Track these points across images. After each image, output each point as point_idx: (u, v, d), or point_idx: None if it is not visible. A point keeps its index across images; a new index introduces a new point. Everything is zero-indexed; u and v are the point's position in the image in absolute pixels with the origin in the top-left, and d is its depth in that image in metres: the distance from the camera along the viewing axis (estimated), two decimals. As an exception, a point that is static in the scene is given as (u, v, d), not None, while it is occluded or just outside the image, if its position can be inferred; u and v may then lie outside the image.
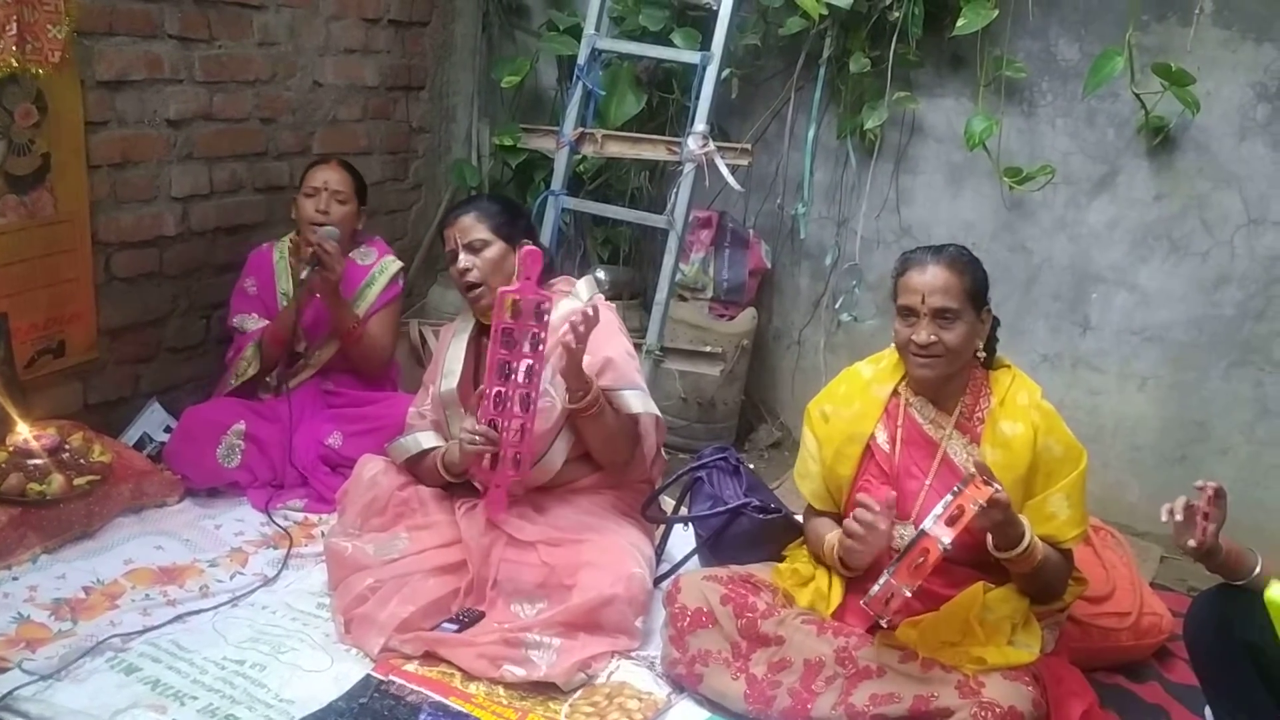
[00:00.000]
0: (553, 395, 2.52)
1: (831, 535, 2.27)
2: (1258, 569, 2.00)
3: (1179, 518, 1.93)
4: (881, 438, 2.31)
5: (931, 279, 2.18)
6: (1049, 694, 2.11)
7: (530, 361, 2.40)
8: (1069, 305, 3.54)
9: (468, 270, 2.57)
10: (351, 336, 3.19)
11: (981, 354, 2.28)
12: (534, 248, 2.44)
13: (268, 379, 3.25)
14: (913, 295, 2.19)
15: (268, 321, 3.23)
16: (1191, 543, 1.94)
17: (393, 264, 3.34)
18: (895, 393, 2.33)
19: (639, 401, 2.55)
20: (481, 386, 2.48)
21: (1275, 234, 3.19)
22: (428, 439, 2.67)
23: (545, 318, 2.38)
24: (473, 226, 2.60)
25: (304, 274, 3.03)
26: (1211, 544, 1.96)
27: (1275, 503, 3.27)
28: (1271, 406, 3.27)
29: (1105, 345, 3.50)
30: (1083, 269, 3.50)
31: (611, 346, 2.56)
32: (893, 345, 2.34)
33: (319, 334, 3.23)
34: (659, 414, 2.66)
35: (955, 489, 2.01)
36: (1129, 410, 3.49)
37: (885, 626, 2.09)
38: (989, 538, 2.09)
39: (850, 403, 2.35)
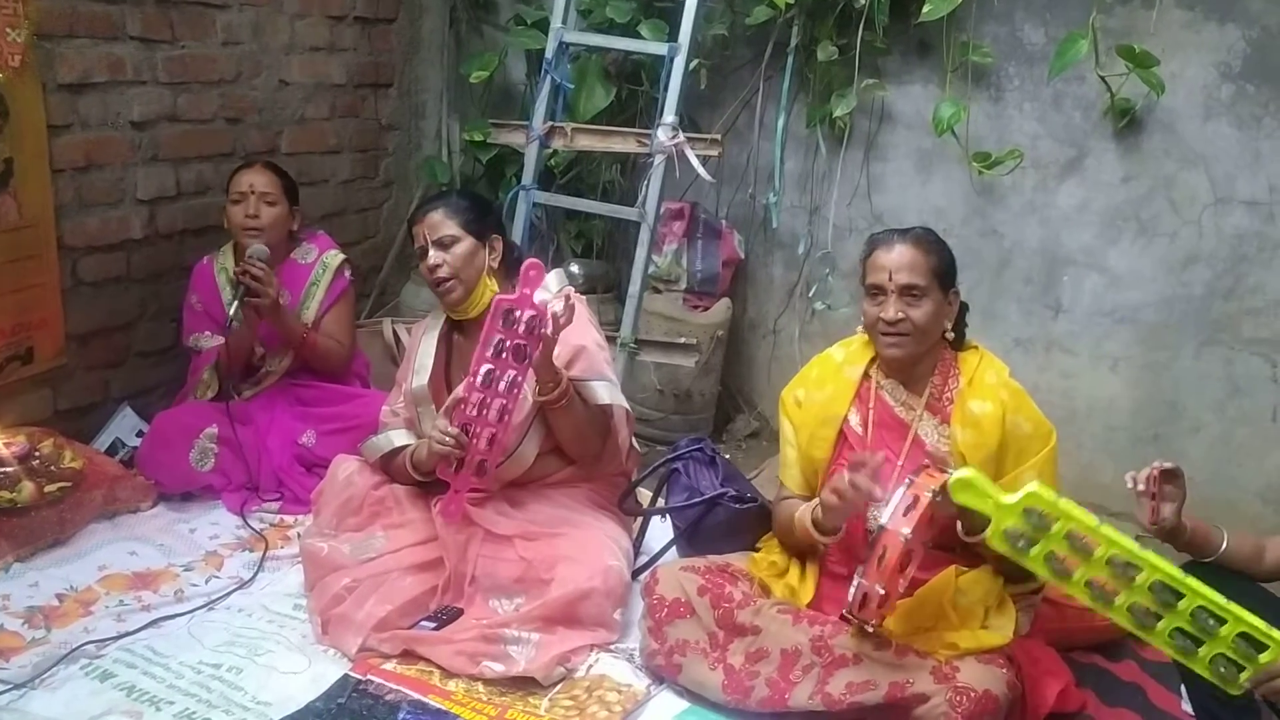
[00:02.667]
0: (525, 393, 2.51)
1: (804, 507, 2.27)
2: (1224, 546, 2.02)
3: (1141, 488, 1.95)
4: (854, 420, 2.32)
5: (898, 257, 2.21)
6: (1025, 675, 2.13)
7: (515, 373, 2.38)
8: (1040, 288, 3.55)
9: (437, 266, 2.55)
10: (306, 345, 3.14)
11: (950, 335, 2.29)
12: (537, 261, 2.39)
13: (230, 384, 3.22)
14: (880, 273, 2.22)
15: (221, 338, 3.14)
16: (1143, 521, 1.96)
17: (334, 258, 3.26)
18: (866, 375, 2.34)
19: (607, 392, 2.55)
20: (458, 390, 2.47)
21: (1242, 213, 3.21)
22: (400, 437, 2.66)
23: (537, 332, 2.33)
24: (442, 223, 2.58)
25: (232, 309, 2.94)
26: (1172, 523, 1.97)
27: (1247, 479, 3.30)
28: (1241, 384, 3.30)
29: (1077, 327, 3.52)
30: (1053, 252, 3.51)
31: (583, 336, 2.56)
32: (858, 330, 2.35)
33: (275, 343, 3.19)
34: (627, 406, 2.65)
35: (908, 480, 2.03)
36: (1102, 391, 3.51)
37: (871, 630, 2.09)
38: (958, 523, 2.10)
39: (823, 386, 2.37)
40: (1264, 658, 1.64)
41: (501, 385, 2.38)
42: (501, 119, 4.00)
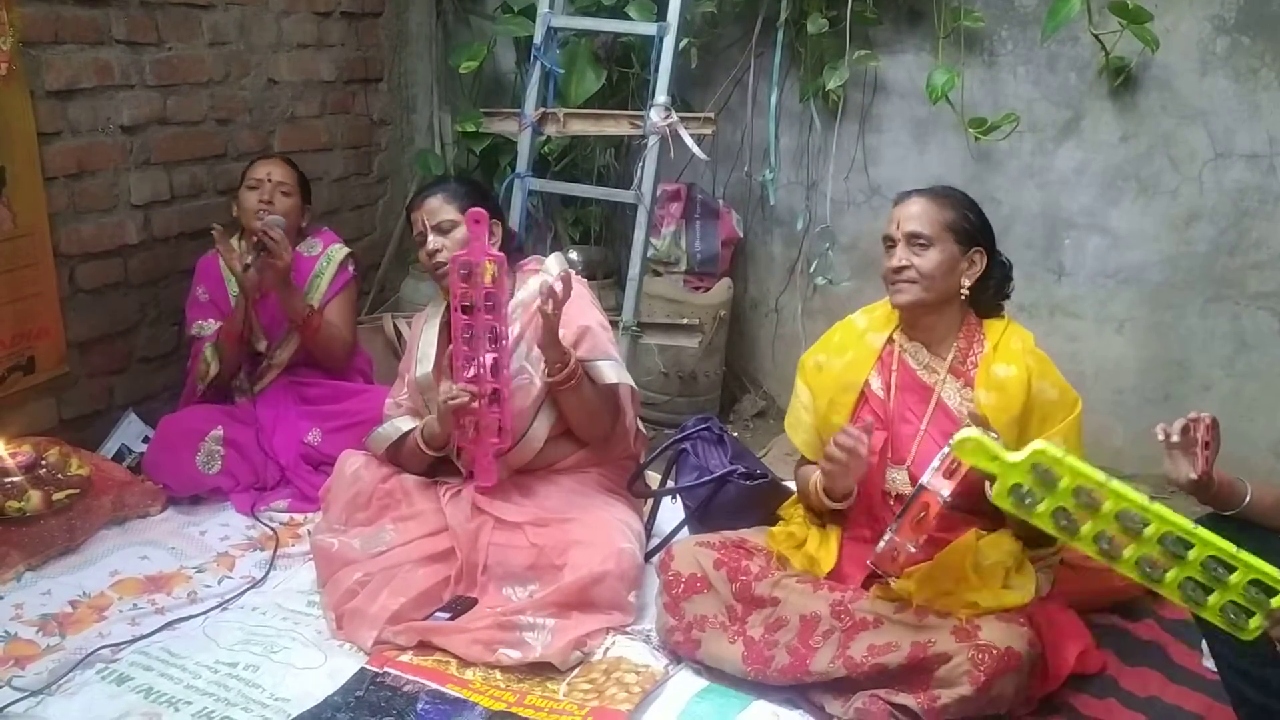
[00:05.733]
0: (530, 371, 2.50)
1: (816, 475, 2.28)
2: (1248, 498, 2.00)
3: (1175, 438, 1.91)
4: (876, 384, 2.32)
5: (909, 207, 2.26)
6: (1044, 636, 2.12)
7: (493, 323, 2.39)
8: (1042, 253, 3.53)
9: (437, 251, 2.55)
10: (309, 328, 3.12)
11: (965, 293, 2.26)
12: (479, 209, 2.43)
13: (236, 383, 3.22)
14: (892, 224, 2.26)
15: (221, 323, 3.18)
16: (1193, 475, 1.90)
17: (339, 251, 3.30)
18: (890, 340, 2.34)
19: (614, 371, 2.54)
20: (448, 351, 2.46)
21: (1243, 166, 3.19)
22: (405, 423, 2.65)
23: (499, 279, 2.37)
24: (440, 208, 2.58)
25: (249, 259, 2.98)
26: (1209, 474, 1.94)
27: (1259, 435, 3.28)
28: (1250, 340, 3.28)
29: (1081, 291, 3.50)
30: (1054, 215, 3.49)
31: (586, 317, 2.55)
32: (886, 298, 2.34)
33: (279, 332, 3.18)
34: (633, 385, 2.64)
35: (951, 442, 2.01)
36: (1109, 354, 3.49)
37: (893, 585, 2.09)
38: (986, 485, 2.09)
39: (844, 351, 2.37)
40: (1275, 602, 1.63)
41: (484, 340, 2.40)
42: (493, 108, 3.98)
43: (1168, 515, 1.65)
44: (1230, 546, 1.63)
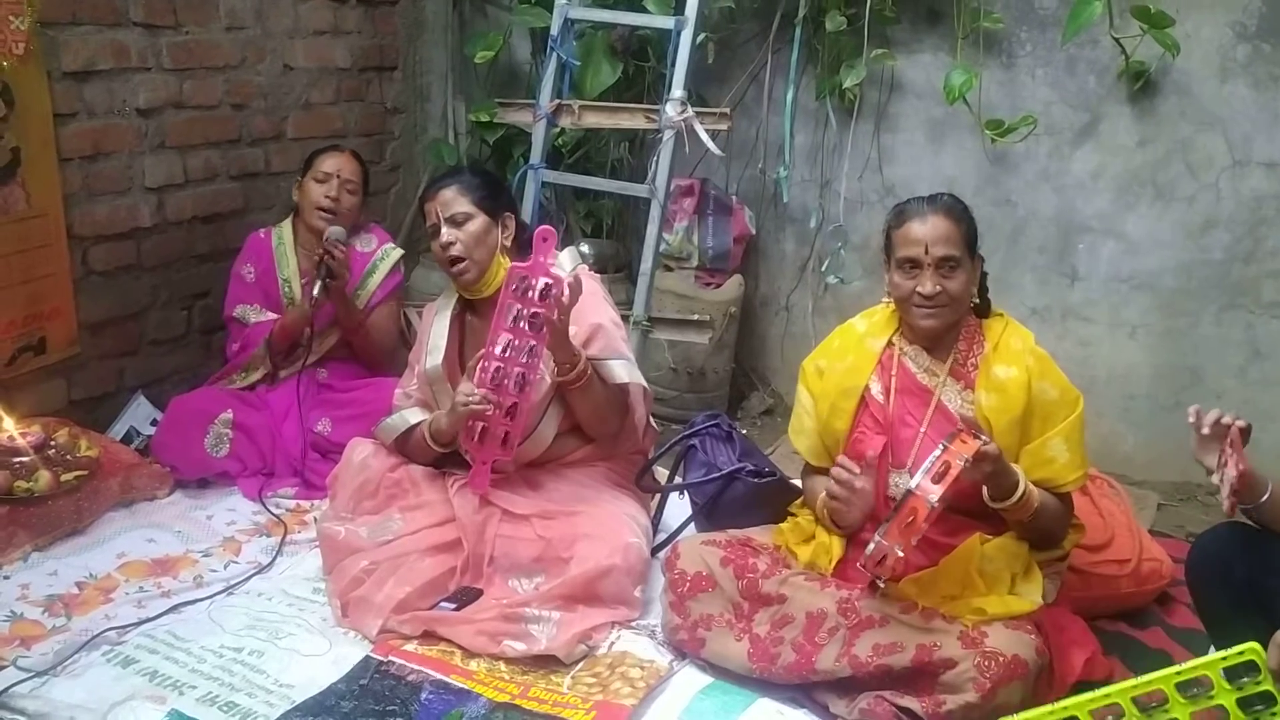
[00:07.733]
0: (540, 369, 2.49)
1: (822, 498, 2.26)
2: (1267, 494, 1.98)
3: (1205, 430, 1.91)
4: (876, 388, 2.30)
5: (933, 229, 2.16)
6: (1051, 643, 2.11)
7: (532, 342, 2.38)
8: (1056, 257, 3.52)
9: (451, 244, 2.53)
10: (360, 330, 3.17)
11: (975, 301, 2.26)
12: (549, 227, 2.40)
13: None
14: (915, 246, 2.17)
15: (270, 313, 3.20)
16: (1218, 480, 1.90)
17: (394, 251, 3.32)
18: (889, 344, 2.32)
19: (625, 370, 2.53)
20: (479, 354, 2.45)
21: (1260, 175, 3.18)
22: (415, 415, 2.64)
23: (551, 298, 2.33)
24: (454, 200, 2.56)
25: (316, 289, 2.98)
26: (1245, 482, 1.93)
27: (1271, 443, 3.24)
28: (1263, 349, 3.27)
29: (1094, 295, 3.49)
30: (1068, 219, 3.48)
31: (599, 314, 2.54)
32: (884, 300, 2.32)
33: (323, 324, 3.19)
34: (645, 383, 2.64)
35: (941, 445, 2.00)
36: (1121, 359, 3.48)
37: (882, 587, 2.09)
38: (984, 489, 2.08)
39: (844, 356, 2.35)
40: (1263, 679, 1.64)
41: (520, 354, 2.38)
42: (508, 99, 3.97)
43: (1123, 687, 1.68)
44: (1185, 665, 1.66)
